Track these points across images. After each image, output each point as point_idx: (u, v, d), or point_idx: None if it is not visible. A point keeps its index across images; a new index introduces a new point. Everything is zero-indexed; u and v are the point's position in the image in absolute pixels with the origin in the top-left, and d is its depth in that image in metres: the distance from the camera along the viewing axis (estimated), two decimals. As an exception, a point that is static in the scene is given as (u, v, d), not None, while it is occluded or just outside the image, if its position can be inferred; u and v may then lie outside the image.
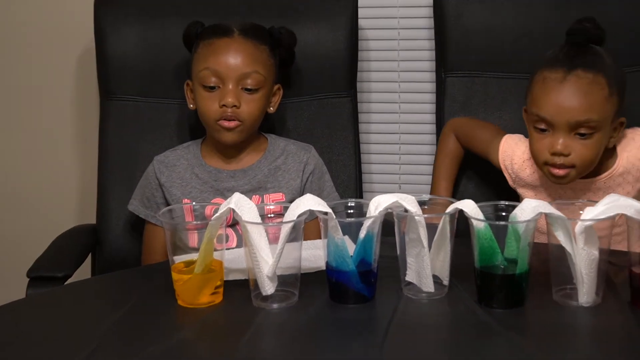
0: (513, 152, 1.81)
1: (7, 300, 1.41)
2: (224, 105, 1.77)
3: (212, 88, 1.80)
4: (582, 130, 1.62)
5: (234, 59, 1.79)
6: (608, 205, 1.30)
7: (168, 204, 1.82)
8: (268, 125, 2.00)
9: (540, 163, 1.68)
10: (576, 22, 1.71)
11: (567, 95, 1.63)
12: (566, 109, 1.62)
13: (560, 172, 1.66)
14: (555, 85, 1.64)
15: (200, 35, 1.86)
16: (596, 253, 1.29)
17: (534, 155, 1.69)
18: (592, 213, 1.29)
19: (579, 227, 1.28)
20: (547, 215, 1.31)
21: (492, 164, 1.86)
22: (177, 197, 1.84)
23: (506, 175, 1.83)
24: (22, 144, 2.45)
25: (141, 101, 2.07)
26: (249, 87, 1.79)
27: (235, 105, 1.77)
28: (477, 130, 1.93)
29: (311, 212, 1.34)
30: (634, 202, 1.30)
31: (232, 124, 1.79)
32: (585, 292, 1.31)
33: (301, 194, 1.81)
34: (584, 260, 1.29)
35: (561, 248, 1.30)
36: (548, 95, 1.65)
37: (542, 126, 1.66)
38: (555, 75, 1.64)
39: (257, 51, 1.82)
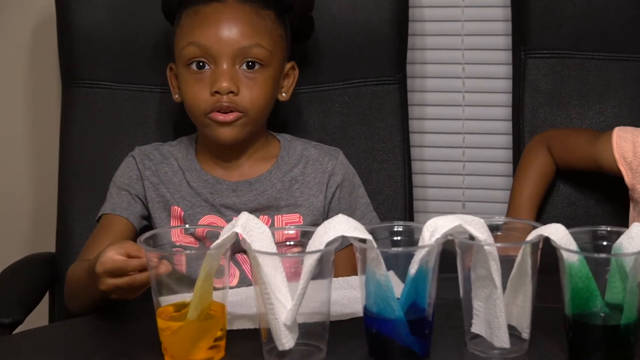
0: (634, 140, 1.83)
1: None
2: (216, 92, 1.76)
3: (200, 68, 1.79)
4: None
5: (227, 30, 1.79)
6: None
7: (147, 208, 1.83)
8: (284, 120, 2.02)
9: None
10: None
11: None
12: None
13: None
14: None
15: (183, 1, 1.86)
16: None
17: None
18: None
19: None
20: (664, 245, 1.31)
21: (603, 168, 1.88)
22: (162, 200, 1.84)
23: (624, 170, 1.84)
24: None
25: (116, 87, 2.09)
26: (249, 65, 1.79)
27: (232, 92, 1.76)
28: (576, 134, 1.97)
29: (343, 240, 1.35)
30: None
31: (229, 116, 1.77)
32: None
33: (325, 214, 1.82)
34: None
35: (683, 290, 1.30)
36: None
37: None
38: None
39: (258, 18, 1.82)
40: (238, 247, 1.37)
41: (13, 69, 2.41)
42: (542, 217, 1.98)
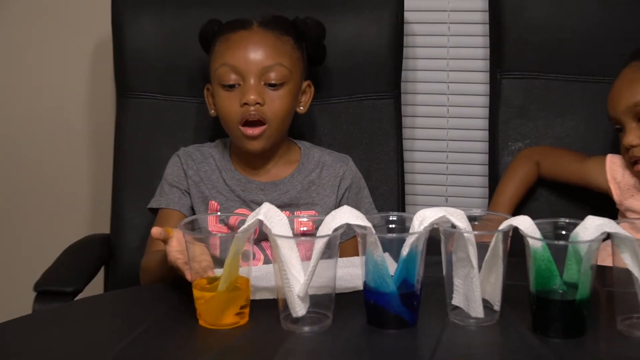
0: (624, 165, 1.85)
1: (14, 315, 1.43)
2: (245, 103, 1.76)
3: (231, 87, 1.79)
4: None
5: (253, 52, 1.78)
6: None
7: (191, 199, 1.83)
8: (298, 129, 2.01)
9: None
10: None
11: None
12: None
13: None
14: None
15: (217, 32, 1.86)
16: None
17: None
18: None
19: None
20: (612, 235, 1.30)
21: (590, 184, 1.91)
22: (202, 196, 1.84)
23: (614, 189, 1.86)
24: (30, 143, 2.47)
25: (161, 99, 2.09)
26: (272, 81, 1.78)
27: (258, 103, 1.76)
28: (569, 153, 1.98)
29: (348, 229, 1.35)
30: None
31: (256, 130, 1.77)
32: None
33: None
34: (653, 287, 1.29)
35: (628, 272, 1.29)
36: None
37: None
38: None
39: (279, 42, 1.81)
40: (264, 236, 1.38)
41: (78, 82, 2.41)
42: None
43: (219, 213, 1.80)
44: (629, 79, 1.80)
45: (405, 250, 1.32)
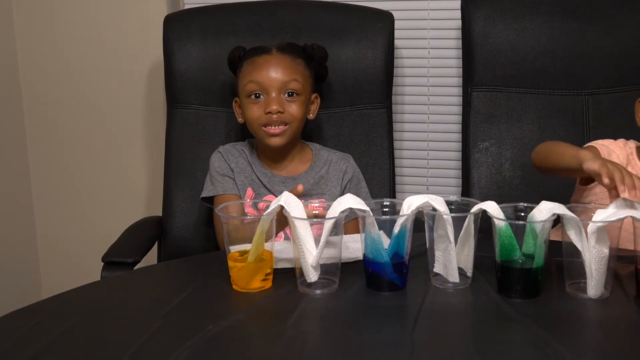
0: (609, 147, 1.68)
1: (85, 281, 1.42)
2: (269, 112, 1.77)
3: (257, 98, 1.79)
4: None
5: (274, 72, 1.79)
6: (618, 209, 1.28)
7: (236, 184, 1.82)
8: (311, 132, 2.01)
9: None
10: None
11: None
12: None
13: None
14: None
15: (243, 57, 1.87)
16: (606, 251, 1.28)
17: None
18: (603, 215, 1.28)
19: (591, 227, 1.26)
20: (561, 215, 1.29)
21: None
22: (242, 183, 1.83)
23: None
24: (99, 145, 2.48)
25: (202, 109, 2.08)
26: (290, 93, 1.79)
27: (279, 112, 1.77)
28: (563, 145, 1.65)
29: (350, 212, 1.34)
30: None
31: (278, 129, 1.79)
32: (595, 286, 1.29)
33: None
34: (594, 257, 1.27)
35: (574, 245, 1.29)
36: None
37: None
38: None
39: (293, 63, 1.82)
40: (285, 223, 1.37)
41: (137, 96, 2.41)
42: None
43: (249, 200, 1.79)
44: None
45: (396, 229, 1.32)
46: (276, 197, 1.40)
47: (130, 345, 1.16)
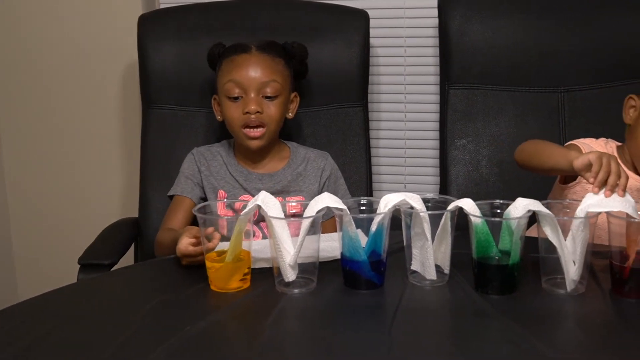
0: (590, 145, 1.69)
1: (61, 284, 1.42)
2: (247, 112, 1.76)
3: (236, 98, 1.78)
4: None
5: (253, 71, 1.78)
6: (592, 204, 1.30)
7: (204, 189, 1.82)
8: (289, 131, 2.01)
9: None
10: None
11: None
12: None
13: None
14: None
15: (222, 54, 1.86)
16: (582, 247, 1.29)
17: None
18: (594, 199, 1.30)
19: (579, 212, 1.28)
20: (536, 212, 1.31)
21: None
22: (212, 186, 1.83)
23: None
24: (75, 147, 2.46)
25: (177, 109, 2.08)
26: (268, 94, 1.78)
27: (258, 112, 1.76)
28: (544, 142, 1.66)
29: (328, 211, 1.34)
30: (615, 203, 1.30)
31: (257, 132, 1.78)
32: (571, 282, 1.31)
33: None
34: (569, 253, 1.29)
35: (550, 242, 1.30)
36: None
37: None
38: None
39: (273, 63, 1.81)
40: (261, 217, 1.37)
41: (112, 96, 2.39)
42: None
43: (225, 200, 1.79)
44: None
45: (373, 227, 1.33)
46: (253, 196, 1.41)
47: (108, 346, 1.16)
